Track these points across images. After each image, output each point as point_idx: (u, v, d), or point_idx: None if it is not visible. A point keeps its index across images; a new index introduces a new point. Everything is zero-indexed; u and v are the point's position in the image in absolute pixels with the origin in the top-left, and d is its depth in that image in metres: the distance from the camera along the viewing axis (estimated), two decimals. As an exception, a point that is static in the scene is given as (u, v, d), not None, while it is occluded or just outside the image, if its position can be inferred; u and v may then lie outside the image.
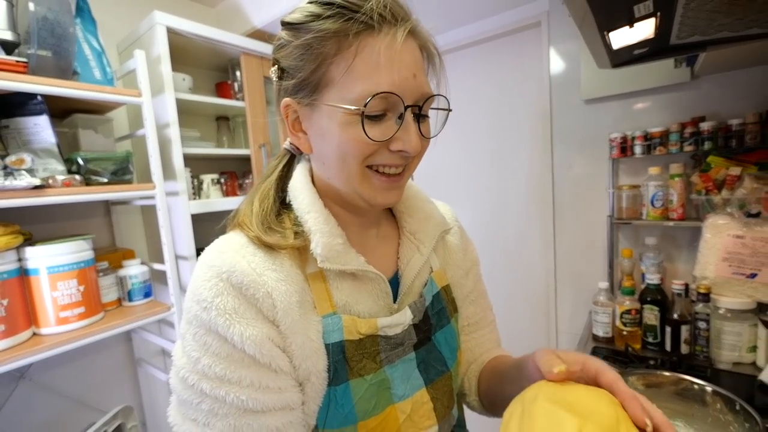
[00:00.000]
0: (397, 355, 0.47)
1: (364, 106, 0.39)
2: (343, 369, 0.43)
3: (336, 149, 0.42)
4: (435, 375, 0.50)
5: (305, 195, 0.46)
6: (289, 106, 0.44)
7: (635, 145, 1.27)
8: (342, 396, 0.42)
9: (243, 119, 1.38)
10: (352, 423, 0.42)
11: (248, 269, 0.40)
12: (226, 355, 0.38)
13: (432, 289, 0.54)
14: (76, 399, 1.19)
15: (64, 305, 0.97)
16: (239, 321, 0.38)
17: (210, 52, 1.30)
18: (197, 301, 0.39)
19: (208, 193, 1.30)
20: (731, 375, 1.04)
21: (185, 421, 0.39)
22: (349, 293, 0.46)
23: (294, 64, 0.42)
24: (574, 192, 1.46)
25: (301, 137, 0.46)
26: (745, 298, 1.06)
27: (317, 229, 0.43)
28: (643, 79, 1.28)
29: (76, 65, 1.05)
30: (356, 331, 0.44)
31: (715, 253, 1.12)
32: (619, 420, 0.32)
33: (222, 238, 0.45)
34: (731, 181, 1.14)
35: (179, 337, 0.42)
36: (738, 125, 1.14)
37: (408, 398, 0.46)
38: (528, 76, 1.49)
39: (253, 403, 0.38)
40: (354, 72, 0.39)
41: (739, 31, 0.83)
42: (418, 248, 0.52)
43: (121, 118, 1.30)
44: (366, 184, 0.43)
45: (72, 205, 1.18)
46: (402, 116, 0.41)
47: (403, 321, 0.48)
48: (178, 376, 0.40)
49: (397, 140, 0.41)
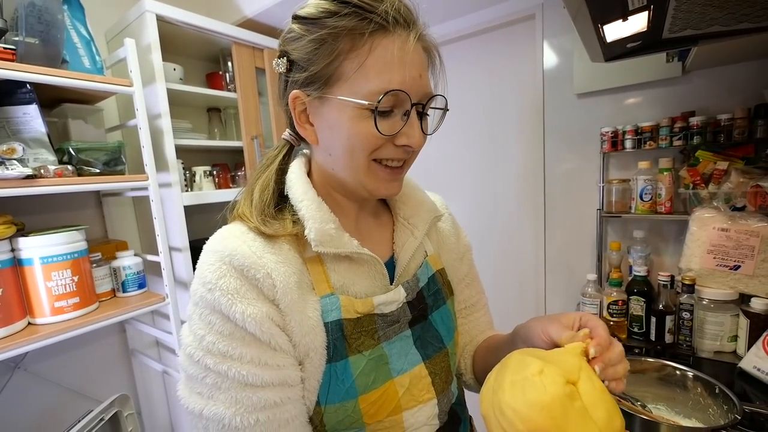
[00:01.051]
0: (393, 331, 0.50)
1: (378, 102, 0.41)
2: (342, 346, 0.45)
3: (345, 141, 0.44)
4: (432, 351, 0.52)
5: (299, 185, 0.48)
6: (297, 98, 0.46)
7: (626, 139, 1.28)
8: (342, 372, 0.44)
9: (235, 111, 1.37)
10: (353, 397, 0.44)
11: (249, 252, 0.42)
12: (229, 333, 0.41)
13: (427, 271, 0.56)
14: (71, 389, 1.20)
15: (58, 295, 0.97)
16: (241, 300, 0.41)
17: (200, 42, 1.28)
18: (202, 283, 0.42)
19: (201, 185, 1.29)
20: (712, 363, 1.08)
21: (191, 394, 0.42)
22: (346, 275, 0.48)
23: (306, 58, 0.44)
24: (564, 185, 1.47)
25: (307, 129, 0.48)
26: (727, 289, 1.10)
27: (309, 216, 0.46)
28: (635, 73, 1.29)
29: (65, 53, 1.03)
30: (353, 310, 0.46)
31: (700, 245, 1.15)
32: (581, 368, 0.37)
33: (224, 227, 0.47)
34: (718, 175, 1.16)
35: (187, 319, 0.45)
36: (727, 120, 1.16)
37: (406, 372, 0.49)
38: (521, 69, 1.49)
39: (253, 378, 0.40)
40: (367, 69, 0.41)
41: (731, 25, 0.83)
42: (412, 232, 0.55)
43: (111, 109, 1.29)
44: (371, 176, 0.47)
45: (63, 196, 1.17)
46: (407, 113, 0.44)
47: (398, 298, 0.51)
48: (185, 353, 0.42)
49: (402, 135, 0.45)
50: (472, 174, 1.71)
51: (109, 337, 1.30)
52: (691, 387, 0.83)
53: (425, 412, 0.49)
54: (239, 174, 1.37)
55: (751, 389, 0.93)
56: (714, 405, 0.77)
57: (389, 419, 0.46)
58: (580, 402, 0.34)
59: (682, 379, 0.84)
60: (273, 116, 1.38)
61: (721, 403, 0.76)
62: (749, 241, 1.08)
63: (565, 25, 1.37)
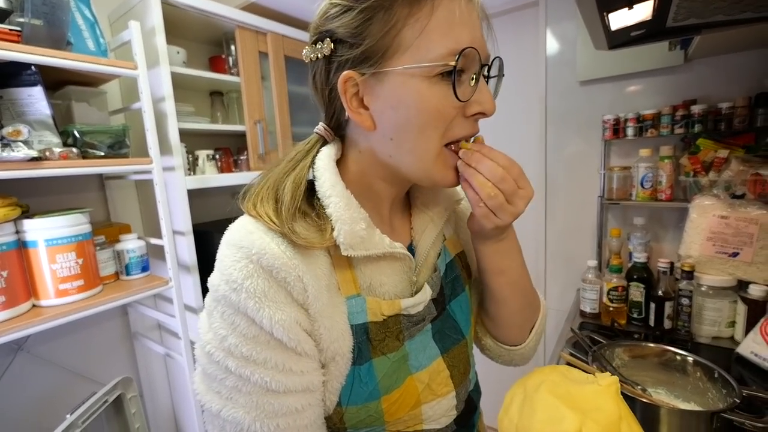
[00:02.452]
0: (417, 330, 0.48)
1: (456, 60, 0.37)
2: (366, 349, 0.43)
3: (414, 119, 0.40)
4: (451, 344, 0.51)
5: (327, 177, 0.44)
6: (350, 79, 0.41)
7: (628, 127, 1.29)
8: (366, 374, 0.43)
9: (237, 95, 1.36)
10: (376, 398, 0.43)
11: (279, 252, 0.39)
12: (253, 337, 0.39)
13: (445, 258, 0.54)
14: (73, 371, 1.21)
15: (63, 278, 0.97)
16: (269, 305, 0.38)
17: (204, 25, 1.28)
18: (226, 281, 0.39)
19: (204, 169, 1.29)
20: (710, 348, 1.09)
21: (209, 392, 0.40)
22: (373, 275, 0.46)
23: (356, 32, 0.39)
24: (566, 172, 1.48)
25: (362, 113, 0.42)
26: (726, 275, 1.11)
27: (338, 217, 0.42)
28: (638, 61, 1.29)
29: (70, 36, 1.03)
30: (380, 313, 0.44)
31: (700, 232, 1.16)
32: (621, 417, 0.33)
33: (245, 219, 0.43)
34: (718, 163, 1.18)
35: (205, 311, 0.42)
36: (727, 109, 1.17)
37: (425, 368, 0.47)
38: (524, 55, 1.49)
39: (276, 384, 0.39)
40: (430, 33, 0.38)
41: (734, 14, 0.84)
42: (431, 219, 0.53)
43: (114, 92, 1.28)
44: (440, 163, 0.43)
45: (66, 178, 1.17)
46: (475, 76, 0.40)
47: (425, 299, 0.48)
48: (204, 350, 0.40)
49: (474, 103, 0.41)
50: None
51: (112, 320, 1.31)
52: (691, 371, 0.84)
53: (444, 404, 0.48)
54: (242, 158, 1.37)
55: (748, 374, 0.95)
56: (713, 389, 0.79)
57: (408, 414, 0.45)
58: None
59: (682, 363, 0.85)
60: (276, 100, 1.38)
61: (720, 387, 0.77)
62: (748, 228, 1.10)
63: (568, 13, 1.37)
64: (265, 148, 1.34)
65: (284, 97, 1.40)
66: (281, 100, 1.39)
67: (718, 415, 0.67)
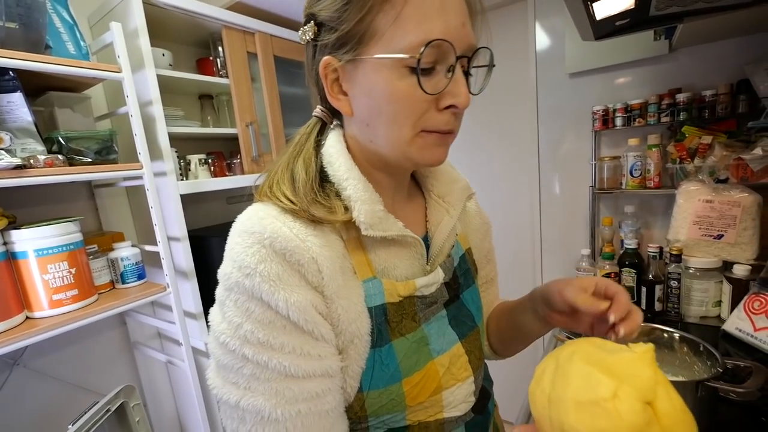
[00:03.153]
0: (432, 312, 0.49)
1: (420, 54, 0.37)
2: (385, 330, 0.44)
3: (386, 108, 0.40)
4: (466, 330, 0.52)
5: (342, 161, 0.44)
6: (329, 64, 0.41)
7: (616, 117, 1.32)
8: (387, 356, 0.43)
9: (227, 97, 1.34)
10: (398, 381, 0.43)
11: (291, 235, 0.39)
12: (269, 322, 0.38)
13: (458, 250, 0.55)
14: (73, 384, 1.19)
15: (56, 288, 0.95)
16: (284, 288, 0.38)
17: (189, 26, 1.25)
18: (239, 267, 0.38)
19: (197, 174, 1.27)
20: (698, 327, 1.14)
21: (225, 384, 0.40)
22: (387, 258, 0.46)
23: (336, 16, 0.39)
24: (558, 164, 1.51)
25: (341, 99, 0.43)
26: (712, 257, 1.15)
27: (357, 197, 0.42)
28: (624, 52, 1.32)
29: (48, 39, 0.99)
30: (396, 293, 0.45)
31: (686, 217, 1.20)
32: (657, 382, 0.32)
33: (255, 206, 0.43)
34: (703, 149, 1.21)
35: (216, 303, 0.42)
36: (711, 96, 1.20)
37: (445, 352, 0.48)
38: (514, 49, 1.50)
39: (294, 369, 0.38)
40: (403, 20, 0.37)
41: (714, 2, 0.86)
42: (447, 211, 0.53)
43: (98, 97, 1.24)
44: (416, 146, 0.42)
45: (54, 188, 1.14)
46: (451, 69, 0.39)
47: (437, 280, 0.49)
48: (218, 341, 0.40)
49: (447, 95, 0.40)
50: (468, 154, 1.73)
51: (110, 330, 1.28)
52: (678, 347, 0.87)
53: (463, 389, 0.49)
54: (235, 162, 1.35)
55: (733, 349, 1.00)
56: (698, 362, 0.82)
57: (430, 399, 0.46)
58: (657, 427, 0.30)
59: (670, 340, 0.88)
60: (267, 102, 1.36)
61: (705, 359, 0.80)
62: (731, 211, 1.14)
63: (556, 6, 1.39)
64: (258, 151, 1.32)
65: (275, 98, 1.38)
66: (272, 101, 1.37)
67: (703, 384, 0.70)
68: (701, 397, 0.70)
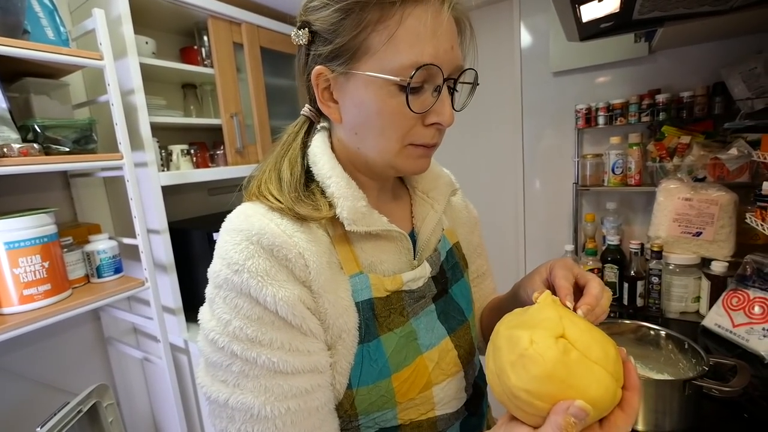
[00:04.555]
0: (420, 307, 0.49)
1: (411, 78, 0.38)
2: (373, 325, 0.44)
3: (375, 121, 0.42)
4: (455, 324, 0.52)
5: (325, 160, 0.45)
6: (321, 74, 0.43)
7: (599, 116, 1.35)
8: (375, 351, 0.43)
9: (211, 87, 1.32)
10: (387, 376, 0.43)
11: (278, 231, 0.40)
12: (257, 318, 0.38)
13: (445, 245, 0.56)
14: (43, 382, 1.14)
15: (27, 282, 0.91)
16: (271, 283, 0.38)
17: (174, 14, 1.22)
18: (227, 264, 0.39)
19: (179, 165, 1.24)
20: (678, 323, 1.16)
21: (214, 382, 0.39)
22: (373, 253, 0.47)
23: (331, 29, 0.41)
24: (542, 161, 1.53)
25: (331, 107, 0.45)
26: (691, 254, 1.18)
27: (341, 194, 0.43)
28: (606, 53, 1.35)
29: (26, 23, 0.96)
30: (383, 288, 0.45)
31: (667, 214, 1.23)
32: (561, 317, 0.37)
33: (244, 205, 0.44)
34: (681, 148, 1.25)
35: (207, 301, 0.42)
36: (688, 97, 1.24)
37: (434, 347, 0.48)
38: (499, 48, 1.52)
39: (283, 365, 0.38)
40: (396, 41, 0.38)
41: (693, 8, 0.90)
42: (432, 206, 0.54)
43: (77, 84, 1.21)
44: (402, 156, 0.44)
45: (27, 177, 1.10)
46: (438, 89, 0.41)
47: (424, 274, 0.50)
48: (207, 339, 0.40)
49: (432, 113, 0.42)
50: (453, 151, 1.75)
51: (83, 325, 1.23)
52: (664, 345, 0.88)
53: (454, 385, 0.49)
54: (218, 153, 1.32)
55: (712, 345, 1.02)
56: (683, 360, 0.83)
57: (420, 396, 0.46)
58: (575, 351, 0.35)
59: (656, 338, 0.89)
60: (252, 93, 1.35)
61: (690, 357, 0.81)
62: (709, 209, 1.17)
63: (541, 6, 1.41)
64: (242, 142, 1.30)
65: (261, 89, 1.37)
66: (258, 92, 1.36)
67: (690, 383, 0.71)
68: (688, 396, 0.71)
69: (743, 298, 1.01)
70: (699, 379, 0.71)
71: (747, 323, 0.97)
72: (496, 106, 1.60)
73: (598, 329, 0.38)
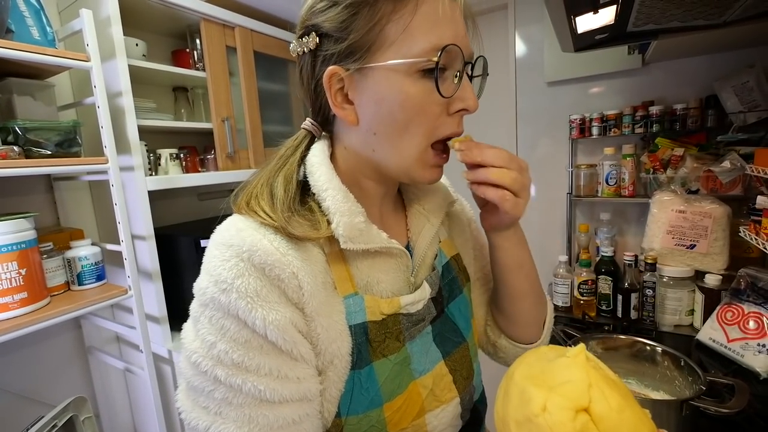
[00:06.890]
0: (417, 330, 0.46)
1: (439, 56, 0.37)
2: (366, 350, 0.41)
3: (398, 115, 0.40)
4: (451, 347, 0.50)
5: (323, 171, 0.43)
6: (335, 74, 0.41)
7: (593, 126, 1.35)
8: (366, 379, 0.41)
9: (203, 91, 1.30)
10: (378, 406, 0.41)
11: (271, 248, 0.37)
12: (245, 341, 0.36)
13: (441, 259, 0.53)
14: (19, 394, 1.09)
15: (3, 290, 0.87)
16: (261, 305, 0.36)
17: (166, 17, 1.21)
18: (215, 282, 0.36)
19: (167, 169, 1.21)
20: (672, 336, 1.15)
21: (195, 408, 0.37)
22: (369, 272, 0.44)
23: (342, 27, 0.39)
24: (536, 170, 1.53)
25: (346, 108, 0.42)
26: (685, 266, 1.17)
27: (336, 209, 0.41)
28: (600, 64, 1.36)
29: (10, 22, 0.93)
30: (379, 311, 0.43)
31: (660, 226, 1.22)
32: (591, 384, 0.32)
33: (234, 217, 0.41)
34: (675, 160, 1.25)
35: (191, 318, 0.39)
36: (682, 110, 1.24)
37: (428, 372, 0.45)
38: (494, 57, 1.53)
39: (270, 393, 0.36)
40: (413, 30, 0.38)
41: (687, 21, 0.90)
42: (428, 219, 0.52)
43: (63, 85, 1.18)
44: (420, 162, 0.43)
45: (8, 180, 1.06)
46: (458, 74, 0.41)
47: (424, 296, 0.47)
48: (189, 361, 0.37)
49: (457, 100, 0.41)
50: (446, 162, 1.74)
51: (62, 334, 1.19)
52: (660, 361, 0.87)
53: (448, 412, 0.46)
54: (209, 157, 1.29)
55: (707, 359, 1.01)
56: (680, 377, 0.82)
57: (412, 424, 0.43)
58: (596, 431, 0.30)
59: (651, 353, 0.88)
60: (245, 97, 1.33)
61: (686, 374, 0.80)
62: (703, 221, 1.17)
63: (536, 16, 1.42)
64: (233, 147, 1.28)
65: (254, 94, 1.35)
66: (250, 97, 1.34)
67: (687, 403, 0.69)
68: (686, 416, 0.70)
69: (737, 312, 1.00)
70: (697, 399, 0.70)
71: (742, 338, 0.96)
72: (491, 115, 1.60)
73: (636, 408, 0.32)
